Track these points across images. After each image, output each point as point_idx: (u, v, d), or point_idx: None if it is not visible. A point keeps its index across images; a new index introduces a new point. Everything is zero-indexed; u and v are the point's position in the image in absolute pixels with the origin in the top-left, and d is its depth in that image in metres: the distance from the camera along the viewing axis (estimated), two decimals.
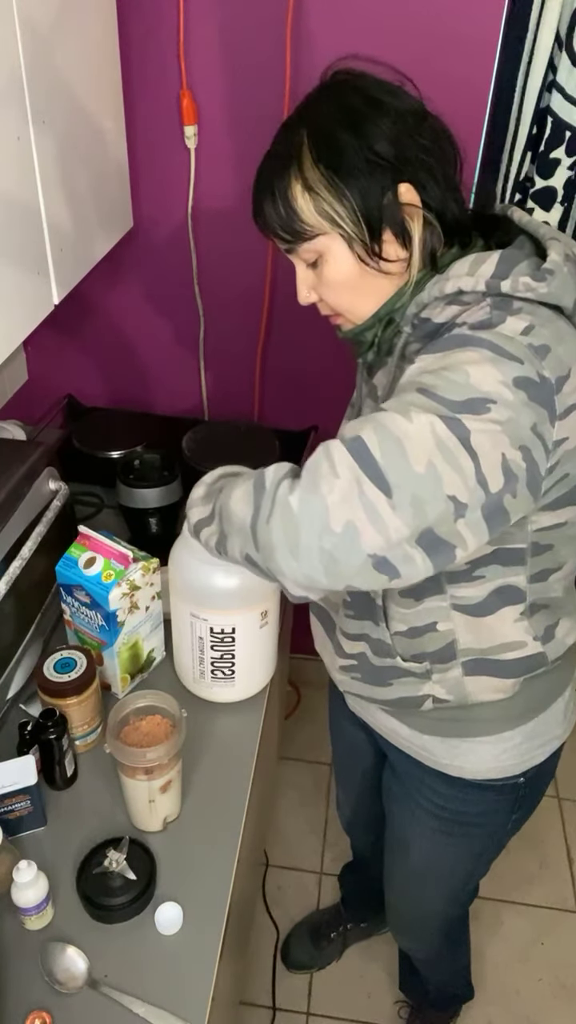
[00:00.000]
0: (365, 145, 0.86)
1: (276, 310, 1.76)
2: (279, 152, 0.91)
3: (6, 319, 1.10)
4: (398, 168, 0.87)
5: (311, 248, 0.92)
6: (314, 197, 0.88)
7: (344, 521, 0.75)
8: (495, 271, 0.84)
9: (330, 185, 0.87)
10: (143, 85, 1.53)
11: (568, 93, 1.34)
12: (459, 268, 0.87)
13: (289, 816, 2.09)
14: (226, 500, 0.89)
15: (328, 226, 0.89)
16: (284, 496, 0.79)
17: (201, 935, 0.99)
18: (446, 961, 1.59)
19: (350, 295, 0.94)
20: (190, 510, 0.98)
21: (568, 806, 2.15)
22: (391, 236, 0.89)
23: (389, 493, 0.74)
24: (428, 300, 0.89)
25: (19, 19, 1.04)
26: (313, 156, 0.88)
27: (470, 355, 0.79)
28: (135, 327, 1.85)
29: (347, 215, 0.88)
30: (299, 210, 0.89)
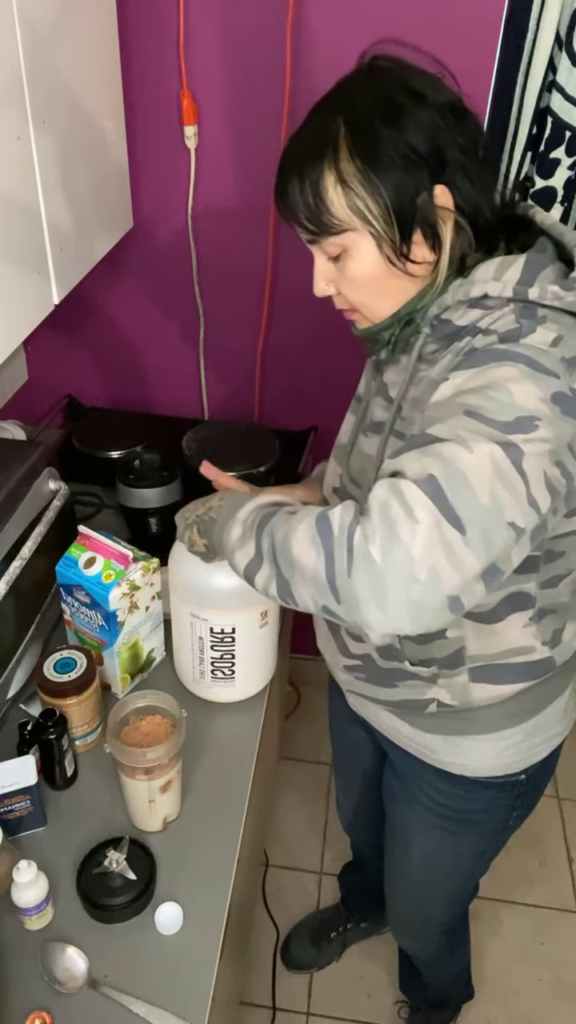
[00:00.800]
0: (404, 141, 0.83)
1: (276, 310, 1.76)
2: (312, 137, 0.87)
3: (6, 319, 1.10)
4: (435, 168, 0.84)
5: (337, 242, 0.89)
6: (347, 191, 0.85)
7: (428, 567, 0.72)
8: (521, 277, 0.83)
9: (365, 180, 0.84)
10: (143, 85, 1.53)
11: (568, 93, 1.34)
12: (484, 272, 0.86)
13: (289, 816, 2.09)
14: (283, 544, 0.82)
15: (358, 223, 0.86)
16: (362, 546, 0.74)
17: (201, 935, 0.99)
18: (446, 961, 1.59)
19: (372, 293, 0.92)
20: (233, 554, 0.89)
21: (568, 806, 2.15)
22: (421, 238, 0.87)
23: (463, 531, 0.72)
24: (451, 303, 0.88)
25: (19, 19, 1.04)
26: (350, 148, 0.84)
27: (509, 371, 0.78)
28: (135, 327, 1.85)
29: (380, 213, 0.85)
30: (330, 203, 0.86)
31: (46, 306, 1.22)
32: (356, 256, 0.89)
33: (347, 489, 1.05)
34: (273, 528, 0.84)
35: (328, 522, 0.78)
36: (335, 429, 1.14)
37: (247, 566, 0.87)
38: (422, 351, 0.92)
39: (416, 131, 0.83)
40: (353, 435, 1.05)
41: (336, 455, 1.09)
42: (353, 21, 1.41)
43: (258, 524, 0.87)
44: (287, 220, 0.92)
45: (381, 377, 1.01)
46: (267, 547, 0.84)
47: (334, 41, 1.44)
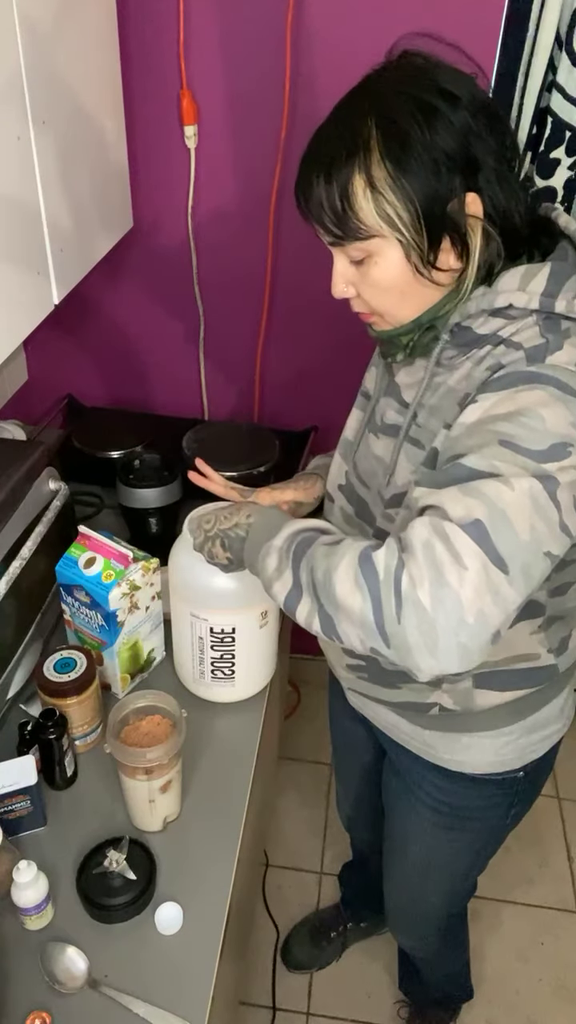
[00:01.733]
0: (438, 146, 0.80)
1: (276, 310, 1.76)
2: (341, 137, 0.83)
3: (6, 319, 1.10)
4: (467, 174, 0.82)
5: (362, 247, 0.86)
6: (377, 197, 0.82)
7: (476, 611, 0.72)
8: (546, 288, 0.83)
9: (396, 187, 0.81)
10: (143, 85, 1.53)
11: (568, 93, 1.34)
12: (509, 282, 0.85)
13: (289, 816, 2.09)
14: (326, 583, 0.80)
15: (387, 229, 0.83)
16: (411, 592, 0.73)
17: (201, 935, 0.99)
18: (445, 960, 1.59)
19: (395, 299, 0.89)
20: (270, 585, 0.88)
21: (568, 806, 2.15)
22: (449, 245, 0.85)
23: (506, 570, 0.73)
24: (474, 312, 0.87)
25: (19, 19, 1.04)
26: (381, 151, 0.80)
27: (539, 395, 0.78)
28: (135, 327, 1.85)
29: (410, 221, 0.82)
30: (358, 209, 0.83)
31: (46, 306, 1.22)
32: (381, 262, 0.86)
33: (353, 487, 1.05)
34: (312, 561, 0.84)
35: (372, 565, 0.77)
36: (335, 429, 1.14)
37: (287, 598, 0.86)
38: (440, 357, 0.91)
39: (449, 135, 0.80)
40: (360, 432, 1.05)
41: (342, 451, 1.09)
42: (353, 21, 1.41)
43: (294, 553, 0.86)
44: (308, 220, 0.88)
45: (393, 377, 1.00)
46: (307, 581, 0.83)
47: (334, 41, 1.44)
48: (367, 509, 1.03)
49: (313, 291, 1.70)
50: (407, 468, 0.93)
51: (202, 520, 1.03)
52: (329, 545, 0.84)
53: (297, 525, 0.91)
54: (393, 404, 0.99)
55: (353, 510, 1.05)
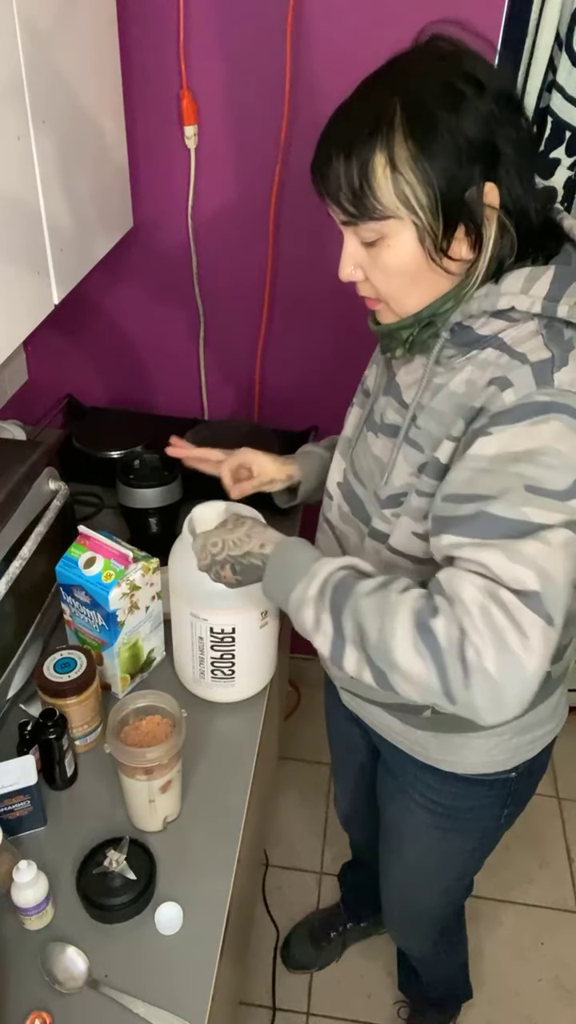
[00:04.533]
0: (462, 130, 0.79)
1: (276, 310, 1.76)
2: (364, 114, 0.81)
3: (6, 319, 1.10)
4: (488, 163, 0.81)
5: (375, 228, 0.84)
6: (396, 177, 0.80)
7: (536, 668, 0.76)
8: (549, 292, 0.82)
9: (417, 168, 0.80)
10: (143, 85, 1.53)
11: (568, 93, 1.34)
12: (512, 284, 0.84)
13: (289, 816, 2.09)
14: (381, 645, 0.80)
15: (404, 211, 0.82)
16: (477, 663, 0.75)
17: (201, 935, 0.99)
18: (443, 959, 1.59)
19: (403, 285, 0.88)
20: (312, 637, 0.87)
21: (568, 806, 2.15)
22: (463, 234, 0.84)
23: (555, 623, 0.77)
24: (476, 312, 0.86)
25: (19, 19, 1.04)
26: (405, 131, 0.79)
27: (555, 427, 0.79)
28: (135, 327, 1.85)
29: (427, 204, 0.81)
30: (376, 187, 0.81)
31: (46, 306, 1.22)
32: (394, 245, 0.85)
33: (351, 485, 1.05)
34: (359, 617, 0.82)
35: (433, 634, 0.77)
36: (335, 429, 1.14)
37: (332, 651, 0.85)
38: (440, 355, 0.91)
39: (474, 121, 0.79)
40: (358, 429, 1.05)
41: (340, 449, 1.09)
42: (353, 21, 1.41)
43: (332, 603, 0.85)
44: (323, 198, 0.87)
45: (393, 375, 1.00)
46: (353, 635, 0.83)
47: (334, 41, 1.44)
48: (362, 508, 1.02)
49: (313, 291, 1.70)
50: (405, 470, 0.93)
51: (208, 543, 1.00)
52: (372, 596, 0.83)
53: (324, 568, 0.88)
54: (393, 403, 0.99)
55: (349, 508, 1.05)
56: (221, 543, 0.99)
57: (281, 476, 1.20)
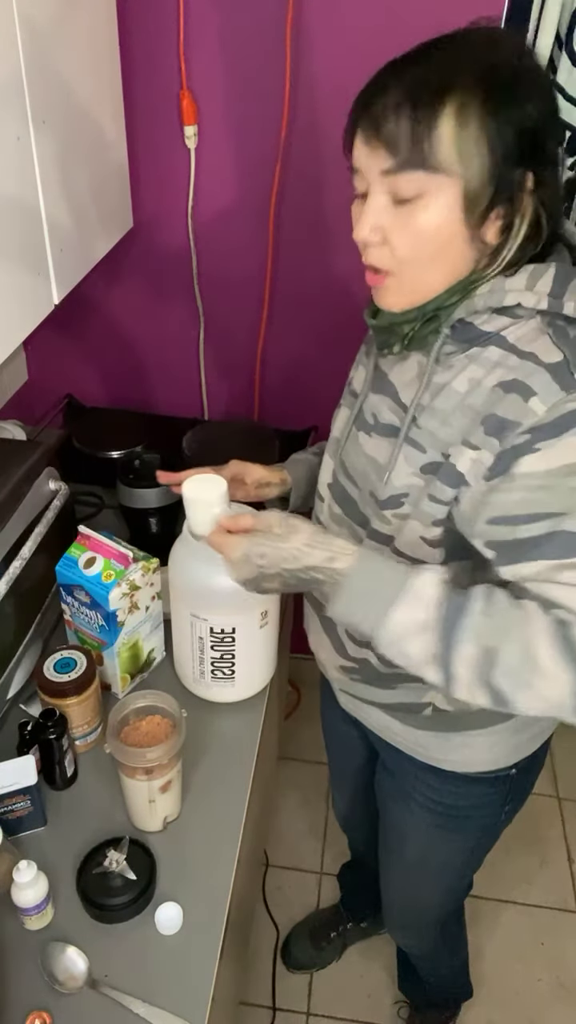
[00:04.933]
0: (531, 113, 0.78)
1: (276, 310, 1.76)
2: (436, 69, 0.79)
3: (6, 319, 1.10)
4: (537, 153, 0.80)
5: (420, 180, 0.80)
6: (463, 130, 0.77)
7: None
8: (552, 288, 0.83)
9: (487, 127, 0.77)
10: (143, 85, 1.53)
11: (568, 93, 1.34)
12: (517, 281, 0.84)
13: (289, 816, 2.09)
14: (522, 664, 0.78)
15: (458, 167, 0.78)
16: None
17: (201, 935, 0.99)
18: (443, 958, 1.59)
19: (428, 254, 0.84)
20: (422, 667, 0.83)
21: (568, 806, 2.15)
22: (497, 216, 0.82)
23: None
24: (481, 308, 0.86)
25: (19, 19, 1.04)
26: (482, 92, 0.77)
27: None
28: (135, 327, 1.85)
29: (486, 167, 0.79)
30: (440, 134, 0.77)
31: (46, 306, 1.22)
32: (432, 205, 0.81)
33: (343, 486, 1.04)
34: (483, 638, 0.80)
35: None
36: None
37: (446, 681, 0.82)
38: (439, 353, 0.90)
39: (537, 106, 0.79)
40: (347, 429, 1.04)
41: (330, 450, 1.08)
42: (353, 21, 1.41)
43: (444, 628, 0.80)
44: (371, 141, 0.81)
45: (385, 374, 0.99)
46: (477, 659, 0.80)
47: (334, 42, 1.44)
48: (356, 509, 1.02)
49: (313, 291, 1.70)
50: (406, 470, 0.92)
51: (252, 554, 0.87)
52: (488, 616, 0.80)
53: (428, 587, 0.82)
54: (388, 403, 0.98)
55: (342, 510, 1.05)
56: (271, 555, 0.86)
57: (275, 479, 1.19)
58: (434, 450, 0.89)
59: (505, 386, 0.83)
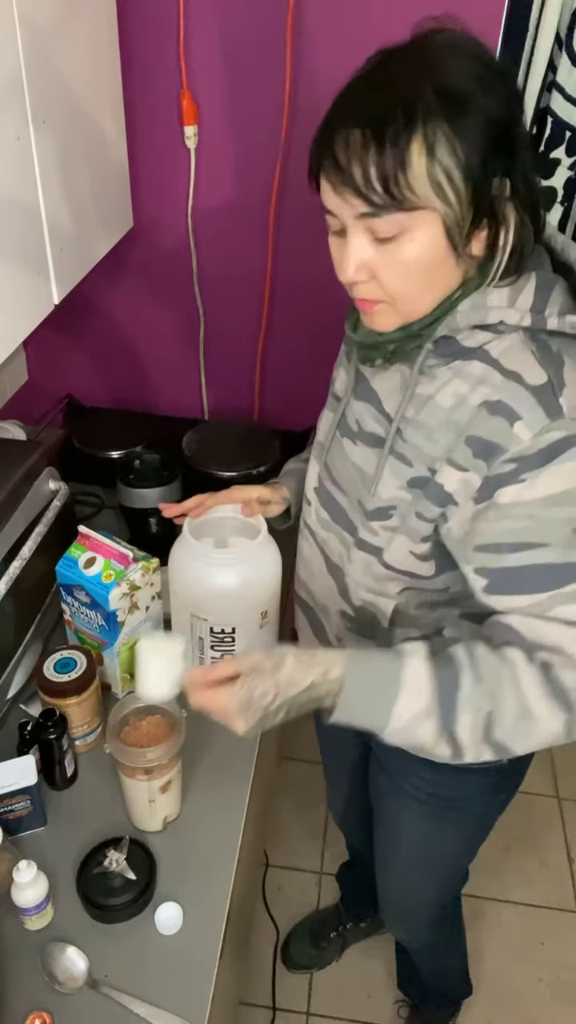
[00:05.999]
0: (493, 116, 0.75)
1: (276, 310, 1.76)
2: (393, 97, 0.75)
3: (6, 319, 1.10)
4: (509, 154, 0.78)
5: (400, 221, 0.78)
6: (433, 164, 0.75)
7: None
8: (534, 302, 0.83)
9: (454, 153, 0.75)
10: (143, 85, 1.53)
11: (568, 93, 1.34)
12: (497, 297, 0.83)
13: (289, 816, 2.09)
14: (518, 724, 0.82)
15: (437, 200, 0.77)
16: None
17: (201, 935, 0.99)
18: (441, 953, 1.59)
19: (420, 283, 0.83)
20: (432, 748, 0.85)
21: (568, 806, 2.15)
22: (481, 230, 0.81)
23: None
24: (463, 326, 0.85)
25: (19, 19, 1.04)
26: (443, 116, 0.74)
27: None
28: (135, 327, 1.85)
29: (463, 193, 0.77)
30: (411, 176, 0.75)
31: (46, 306, 1.22)
32: (419, 239, 0.79)
33: (329, 492, 1.04)
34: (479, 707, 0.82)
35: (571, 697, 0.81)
36: None
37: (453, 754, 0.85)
38: (422, 365, 0.89)
39: (500, 108, 0.76)
40: (330, 434, 1.04)
41: (315, 454, 1.08)
42: (353, 21, 1.41)
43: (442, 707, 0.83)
44: (340, 189, 0.79)
45: (367, 380, 0.98)
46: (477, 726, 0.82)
47: (334, 41, 1.44)
48: (344, 516, 1.01)
49: (314, 290, 1.70)
50: (393, 483, 0.92)
51: (254, 696, 0.84)
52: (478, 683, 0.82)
53: (417, 674, 0.83)
54: (371, 411, 0.97)
55: (329, 515, 1.05)
56: (273, 689, 0.84)
57: (276, 498, 1.20)
58: (420, 464, 0.89)
59: (490, 407, 0.82)
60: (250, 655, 0.87)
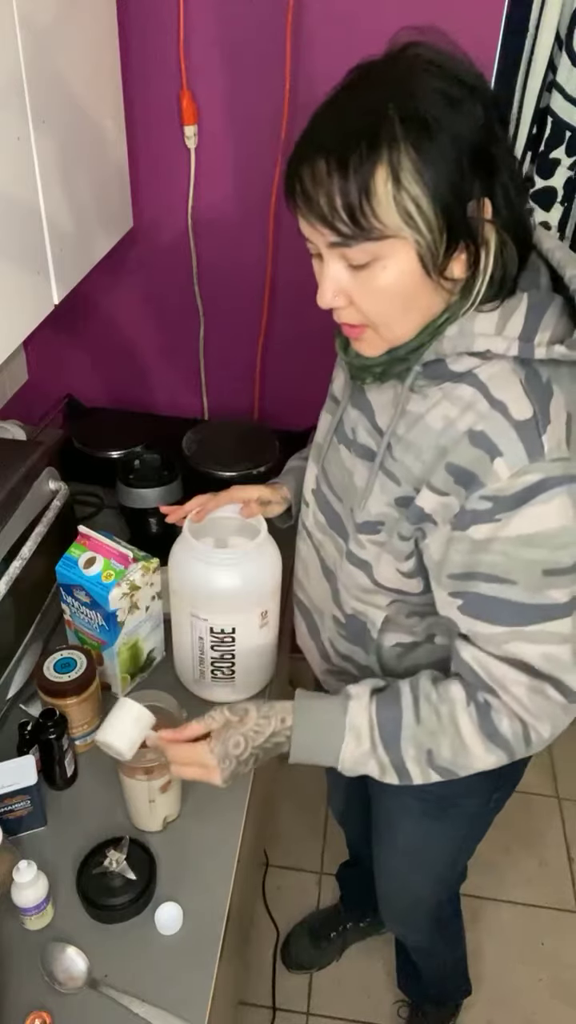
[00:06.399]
0: (464, 138, 0.73)
1: (276, 309, 1.76)
2: (356, 123, 0.74)
3: (6, 319, 1.10)
4: (486, 173, 0.76)
5: (371, 249, 0.77)
6: (399, 192, 0.73)
7: None
8: (523, 329, 0.80)
9: (421, 180, 0.73)
10: (143, 85, 1.53)
11: (568, 93, 1.34)
12: (485, 324, 0.81)
13: (289, 816, 2.09)
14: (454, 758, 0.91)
15: (406, 230, 0.75)
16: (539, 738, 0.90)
17: (201, 935, 0.99)
18: (440, 951, 1.59)
19: (397, 309, 0.82)
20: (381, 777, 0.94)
21: (568, 806, 2.15)
22: (460, 252, 0.78)
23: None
24: (449, 352, 0.83)
25: (19, 19, 1.04)
26: (405, 139, 0.72)
27: (556, 504, 0.79)
28: (135, 327, 1.85)
29: (433, 220, 0.75)
30: (378, 205, 0.74)
31: (46, 306, 1.22)
32: (391, 266, 0.78)
33: (325, 496, 1.04)
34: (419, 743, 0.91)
35: (501, 736, 0.89)
36: None
37: (400, 780, 0.94)
38: (413, 384, 0.88)
39: (472, 129, 0.74)
40: (328, 437, 1.04)
41: (313, 455, 1.08)
42: (353, 21, 1.41)
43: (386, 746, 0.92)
44: (306, 217, 0.79)
45: (363, 391, 0.97)
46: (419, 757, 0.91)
47: (334, 42, 1.44)
48: (339, 522, 1.01)
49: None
50: (382, 500, 0.92)
51: (229, 748, 0.93)
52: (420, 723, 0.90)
53: (360, 717, 0.92)
54: (365, 423, 0.96)
55: (325, 519, 1.05)
56: (243, 740, 0.92)
57: (276, 498, 1.20)
58: (408, 484, 0.89)
59: (473, 437, 0.81)
60: (216, 713, 0.95)
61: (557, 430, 0.79)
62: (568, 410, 0.81)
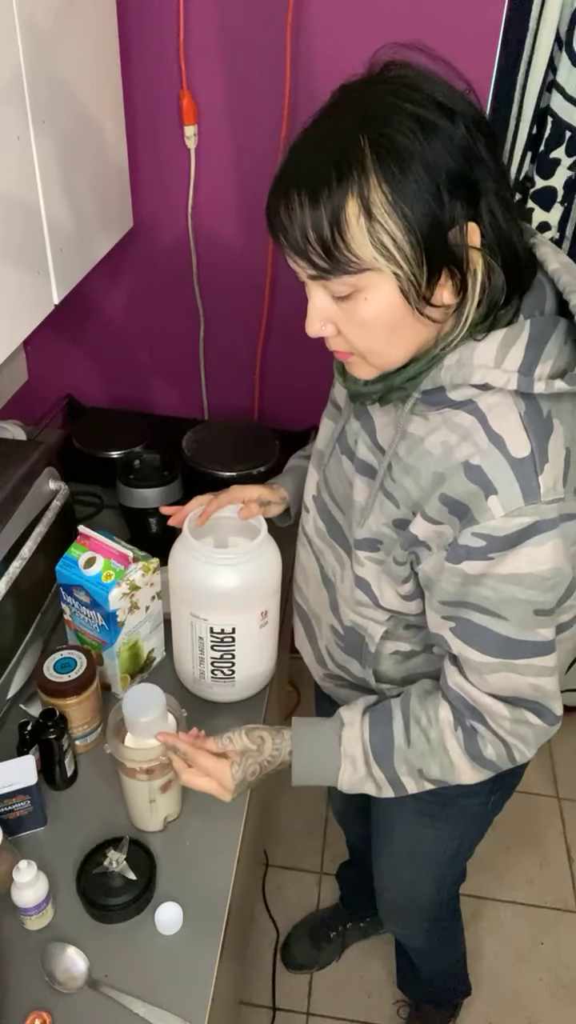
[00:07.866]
0: (440, 167, 0.71)
1: (276, 310, 1.76)
2: (329, 155, 0.72)
3: (6, 319, 1.10)
4: (469, 198, 0.73)
5: (350, 282, 0.76)
6: (373, 226, 0.71)
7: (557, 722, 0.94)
8: (524, 361, 0.78)
9: (395, 213, 0.71)
10: (143, 85, 1.53)
11: (568, 93, 1.34)
12: (484, 355, 0.79)
13: (289, 816, 2.09)
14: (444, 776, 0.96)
15: (383, 262, 0.73)
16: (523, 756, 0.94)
17: (201, 935, 0.99)
18: (439, 951, 1.59)
19: (383, 339, 0.81)
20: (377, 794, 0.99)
21: (568, 806, 2.15)
22: (446, 279, 0.76)
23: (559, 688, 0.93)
24: (447, 383, 0.81)
25: (19, 19, 1.04)
26: (378, 172, 0.70)
27: (549, 547, 0.79)
28: (135, 327, 1.85)
29: (409, 253, 0.73)
30: (350, 239, 0.72)
31: (46, 306, 1.22)
32: (372, 297, 0.76)
33: (326, 504, 1.04)
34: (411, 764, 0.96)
35: (486, 759, 0.93)
36: None
37: (396, 795, 0.99)
38: (413, 407, 0.87)
39: (451, 154, 0.71)
40: (331, 445, 1.03)
41: (314, 462, 1.08)
42: (353, 21, 1.41)
43: (381, 767, 0.96)
44: (285, 251, 0.78)
45: (367, 409, 0.96)
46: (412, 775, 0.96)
47: (334, 42, 1.44)
48: (340, 532, 1.01)
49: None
50: (380, 519, 0.92)
51: (247, 774, 0.98)
52: (412, 746, 0.95)
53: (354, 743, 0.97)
54: (366, 438, 0.95)
55: (325, 527, 1.05)
56: (259, 768, 0.98)
57: (276, 498, 1.21)
58: (406, 508, 0.89)
59: (469, 470, 0.80)
60: (235, 737, 0.99)
61: (554, 469, 0.78)
62: (567, 446, 0.80)
